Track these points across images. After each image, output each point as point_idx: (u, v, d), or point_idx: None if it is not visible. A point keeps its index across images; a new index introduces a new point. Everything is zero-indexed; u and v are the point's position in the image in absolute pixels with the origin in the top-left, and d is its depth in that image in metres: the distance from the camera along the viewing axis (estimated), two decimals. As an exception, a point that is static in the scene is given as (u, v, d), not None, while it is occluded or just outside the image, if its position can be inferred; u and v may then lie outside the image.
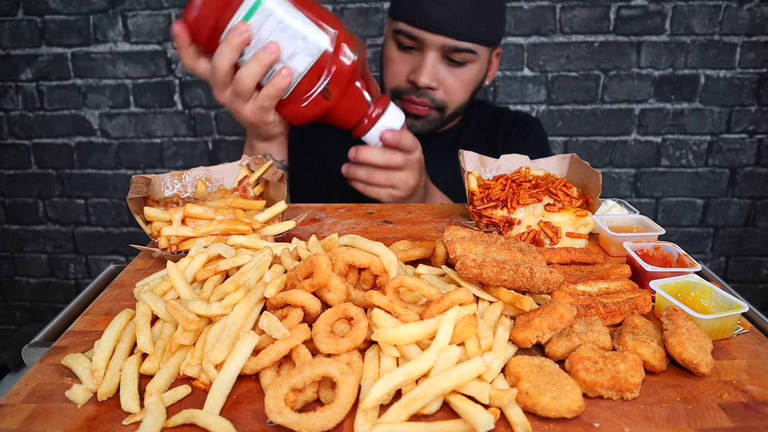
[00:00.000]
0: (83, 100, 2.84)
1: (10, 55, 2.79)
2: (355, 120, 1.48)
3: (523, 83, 2.71)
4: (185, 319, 0.88)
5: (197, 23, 1.36)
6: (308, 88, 1.41)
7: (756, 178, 2.81)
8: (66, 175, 2.97)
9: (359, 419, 0.73)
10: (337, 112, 1.47)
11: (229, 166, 1.47)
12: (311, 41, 1.36)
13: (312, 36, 1.36)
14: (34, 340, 1.05)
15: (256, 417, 0.77)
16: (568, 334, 0.89)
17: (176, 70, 2.78)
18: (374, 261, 0.99)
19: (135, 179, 1.33)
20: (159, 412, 0.76)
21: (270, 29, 1.34)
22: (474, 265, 0.93)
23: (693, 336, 0.86)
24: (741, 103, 2.70)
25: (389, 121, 1.48)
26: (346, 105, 1.45)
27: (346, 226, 1.45)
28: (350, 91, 1.44)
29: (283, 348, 0.83)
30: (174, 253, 1.19)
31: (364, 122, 1.48)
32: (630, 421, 0.76)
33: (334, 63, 1.38)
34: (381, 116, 1.47)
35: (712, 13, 2.57)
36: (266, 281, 0.95)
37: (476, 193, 1.36)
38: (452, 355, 0.79)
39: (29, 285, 3.19)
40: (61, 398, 0.81)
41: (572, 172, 1.45)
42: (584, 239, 1.28)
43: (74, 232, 3.07)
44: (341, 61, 1.39)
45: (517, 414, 0.75)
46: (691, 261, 1.11)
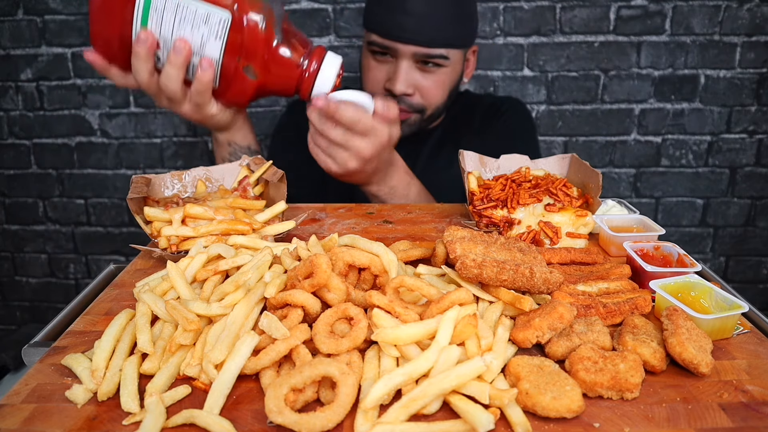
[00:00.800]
0: (83, 100, 2.84)
1: (10, 55, 2.79)
2: (292, 86, 1.39)
3: (523, 83, 2.71)
4: (185, 319, 0.88)
5: (104, 45, 1.34)
6: (232, 69, 1.34)
7: (756, 178, 2.81)
8: (66, 175, 2.97)
9: (359, 419, 0.73)
10: (272, 83, 1.38)
11: (229, 166, 1.47)
12: (212, 22, 1.29)
13: (212, 17, 1.29)
14: (34, 340, 1.05)
15: (256, 417, 0.77)
16: (568, 334, 0.89)
17: (176, 70, 2.78)
18: (374, 261, 0.99)
19: (135, 179, 1.33)
20: (159, 412, 0.76)
21: (169, 24, 1.29)
22: (474, 265, 0.93)
23: (693, 336, 0.86)
24: (741, 103, 2.69)
25: (327, 74, 1.38)
26: (276, 73, 1.36)
27: (346, 226, 1.45)
28: (273, 58, 1.35)
29: (283, 348, 0.83)
30: (174, 253, 1.19)
31: (303, 85, 1.39)
32: (630, 421, 0.76)
33: (245, 35, 1.30)
34: (318, 72, 1.37)
35: (712, 13, 2.57)
36: (266, 281, 0.95)
37: (476, 193, 1.36)
38: (452, 355, 0.79)
39: (29, 285, 3.19)
40: (61, 398, 0.81)
41: (572, 172, 1.45)
42: (584, 239, 1.28)
43: (74, 232, 3.07)
44: (251, 29, 1.30)
45: (517, 414, 0.75)
46: (691, 261, 1.11)
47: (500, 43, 2.62)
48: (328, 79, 1.38)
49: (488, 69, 2.70)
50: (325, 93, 1.39)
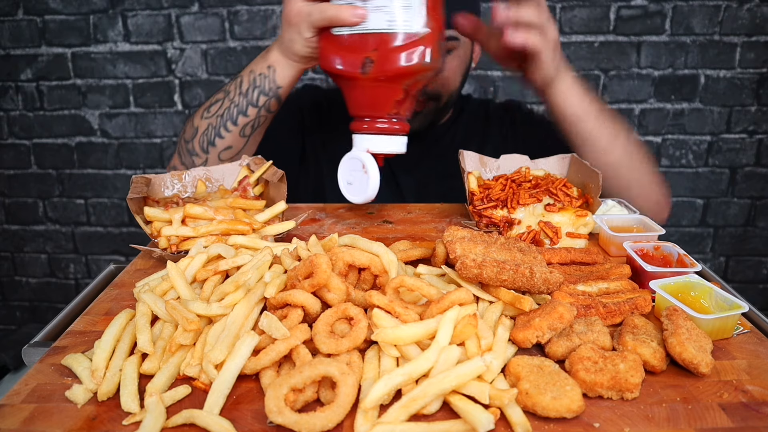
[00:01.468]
0: (83, 100, 2.84)
1: (10, 55, 2.79)
2: (363, 111, 1.32)
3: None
4: (185, 319, 0.88)
5: None
6: (359, 46, 1.25)
7: (756, 178, 2.81)
8: (66, 175, 2.97)
9: (359, 419, 0.73)
10: (358, 90, 1.30)
11: (229, 166, 1.47)
12: (402, 15, 1.21)
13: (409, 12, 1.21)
14: (34, 340, 1.05)
15: (256, 417, 0.77)
16: (568, 334, 0.89)
17: (176, 70, 2.78)
18: (374, 261, 0.99)
19: (135, 179, 1.33)
20: (159, 412, 0.76)
21: None
22: (474, 265, 0.93)
23: (693, 336, 0.86)
24: (741, 103, 2.70)
25: (386, 143, 1.32)
26: (371, 92, 1.29)
27: (346, 226, 1.45)
28: (385, 85, 1.27)
29: (283, 348, 0.83)
30: (174, 253, 1.19)
31: (364, 123, 1.33)
32: (630, 421, 0.76)
33: (398, 50, 1.23)
34: (383, 132, 1.31)
35: (712, 13, 2.57)
36: (266, 281, 0.95)
37: (476, 193, 1.36)
38: (452, 355, 0.79)
39: (29, 285, 3.19)
40: (61, 398, 0.81)
41: (572, 172, 1.45)
42: (584, 239, 1.28)
43: (74, 232, 3.07)
44: (406, 54, 1.23)
45: (517, 414, 0.75)
46: (691, 261, 1.11)
47: (500, 43, 2.62)
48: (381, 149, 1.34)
49: (488, 69, 2.70)
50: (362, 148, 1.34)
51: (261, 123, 1.60)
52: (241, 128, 1.58)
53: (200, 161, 1.63)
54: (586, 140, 1.56)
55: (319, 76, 2.79)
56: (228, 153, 1.61)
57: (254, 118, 1.57)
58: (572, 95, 1.51)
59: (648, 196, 1.66)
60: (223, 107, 1.58)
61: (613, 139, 1.57)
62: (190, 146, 1.63)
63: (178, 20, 2.70)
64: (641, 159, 1.64)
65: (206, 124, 1.60)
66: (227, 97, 1.59)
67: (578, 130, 1.55)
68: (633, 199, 1.60)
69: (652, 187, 1.67)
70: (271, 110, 1.58)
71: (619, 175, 1.59)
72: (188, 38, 2.72)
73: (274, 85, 1.53)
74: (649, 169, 1.67)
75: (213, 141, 1.60)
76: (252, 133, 1.60)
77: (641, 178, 1.64)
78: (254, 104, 1.55)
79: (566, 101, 1.52)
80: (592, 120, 1.54)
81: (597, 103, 1.56)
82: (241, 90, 1.56)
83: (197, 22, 2.70)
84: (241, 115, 1.56)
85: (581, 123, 1.54)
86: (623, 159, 1.59)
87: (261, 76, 1.53)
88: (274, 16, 2.69)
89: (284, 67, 1.50)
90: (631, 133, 1.64)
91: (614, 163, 1.58)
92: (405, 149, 1.35)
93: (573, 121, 1.54)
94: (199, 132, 1.61)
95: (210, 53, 2.74)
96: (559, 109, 1.54)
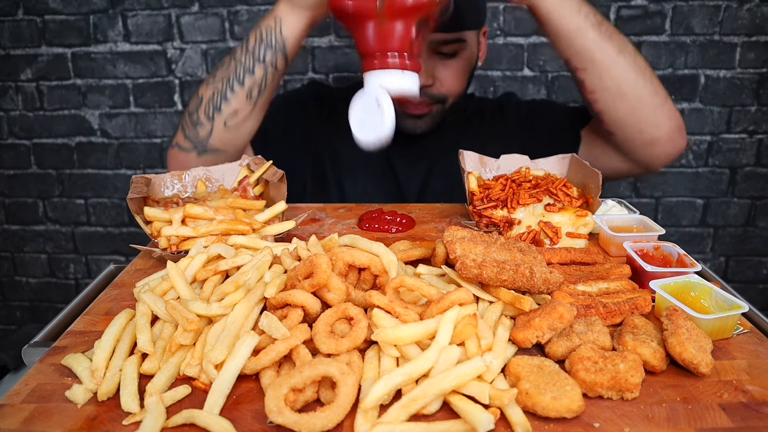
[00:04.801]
0: (83, 100, 2.84)
1: (10, 55, 2.79)
2: (372, 48, 1.30)
3: (523, 83, 2.71)
4: (185, 319, 0.88)
5: None
6: None
7: (756, 178, 2.81)
8: (66, 175, 2.97)
9: (359, 419, 0.73)
10: (370, 27, 1.29)
11: (229, 166, 1.47)
12: None
13: None
14: (34, 340, 1.05)
15: (256, 417, 0.78)
16: (568, 334, 0.89)
17: (176, 70, 2.78)
18: (374, 261, 0.99)
19: (135, 179, 1.33)
20: (159, 412, 0.76)
21: None
22: (474, 266, 0.93)
23: (693, 336, 0.86)
24: (741, 103, 2.69)
25: (399, 79, 1.30)
26: (383, 28, 1.28)
27: (346, 226, 1.45)
28: (398, 21, 1.27)
29: (283, 348, 0.83)
30: (174, 253, 1.19)
31: (376, 59, 1.30)
32: (630, 421, 0.76)
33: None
34: (395, 67, 1.29)
35: (712, 13, 2.57)
36: (266, 281, 0.95)
37: (476, 193, 1.36)
38: (452, 355, 0.79)
39: (29, 285, 3.19)
40: (61, 398, 0.81)
41: (572, 172, 1.45)
42: (584, 239, 1.28)
43: (74, 232, 3.07)
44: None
45: (517, 414, 0.75)
46: (691, 261, 1.11)
47: (500, 43, 2.62)
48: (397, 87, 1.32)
49: (488, 69, 2.70)
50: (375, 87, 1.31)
51: (268, 84, 1.54)
52: (248, 90, 1.53)
53: (205, 132, 1.58)
54: (586, 57, 1.46)
55: (320, 76, 2.79)
56: (234, 119, 1.56)
57: (261, 75, 1.52)
58: (564, 8, 1.42)
59: (659, 122, 1.53)
60: (230, 69, 1.54)
61: (617, 53, 1.45)
62: (194, 117, 1.59)
63: (178, 20, 2.70)
64: (650, 77, 1.50)
65: (211, 90, 1.56)
66: (233, 59, 1.54)
67: (577, 47, 1.45)
68: (643, 125, 1.49)
69: (663, 110, 1.53)
70: (278, 68, 1.53)
71: (624, 94, 1.48)
72: (188, 38, 2.72)
73: (281, 37, 1.49)
74: (658, 88, 1.53)
75: (219, 106, 1.55)
76: (259, 96, 1.55)
77: (651, 99, 1.51)
78: (261, 60, 1.50)
79: (558, 15, 1.43)
80: (591, 33, 1.43)
81: (595, 16, 1.45)
82: (247, 47, 1.52)
83: (197, 22, 2.70)
84: (248, 74, 1.52)
85: (579, 38, 1.44)
86: (630, 75, 1.47)
87: (267, 29, 1.50)
88: (274, 16, 2.68)
89: (291, 17, 1.47)
90: (637, 50, 1.51)
91: (620, 79, 1.47)
92: (417, 89, 1.33)
93: (570, 37, 1.44)
94: (204, 100, 1.57)
95: (210, 53, 2.74)
96: (553, 25, 1.45)
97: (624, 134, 1.56)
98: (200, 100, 1.59)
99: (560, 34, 1.45)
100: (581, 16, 1.43)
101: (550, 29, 1.46)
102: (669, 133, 1.56)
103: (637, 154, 1.60)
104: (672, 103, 1.56)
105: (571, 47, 1.46)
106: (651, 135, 1.50)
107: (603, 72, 1.46)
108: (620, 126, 1.53)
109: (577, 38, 1.44)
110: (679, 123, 1.57)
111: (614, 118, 1.53)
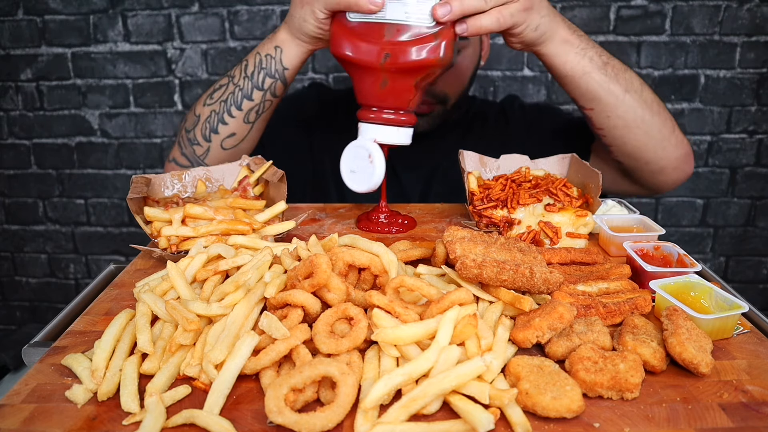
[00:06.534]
0: (83, 100, 2.84)
1: (10, 55, 2.79)
2: (372, 101, 1.30)
3: (523, 83, 2.71)
4: (185, 319, 0.88)
5: None
6: (373, 35, 1.23)
7: (756, 178, 2.81)
8: (66, 175, 2.97)
9: (359, 419, 0.73)
10: (368, 79, 1.27)
11: (229, 166, 1.47)
12: (418, 7, 1.20)
13: (425, 4, 1.20)
14: (34, 340, 1.05)
15: (256, 417, 0.78)
16: (568, 334, 0.89)
17: (176, 70, 2.78)
18: (374, 261, 0.99)
19: (135, 179, 1.33)
20: (159, 412, 0.76)
21: None
22: (474, 266, 0.93)
23: (693, 336, 0.86)
24: (741, 103, 2.70)
25: (393, 134, 1.30)
26: (384, 85, 1.27)
27: (346, 226, 1.45)
28: (399, 79, 1.25)
29: (283, 348, 0.83)
30: (174, 253, 1.19)
31: (372, 113, 1.30)
32: (630, 421, 0.76)
33: (413, 43, 1.22)
34: (391, 123, 1.29)
35: (712, 13, 2.57)
36: (266, 281, 0.95)
37: (476, 193, 1.36)
38: (452, 355, 0.79)
39: (29, 285, 3.19)
40: (61, 398, 0.81)
41: (572, 172, 1.45)
42: (584, 239, 1.28)
43: (74, 232, 3.07)
44: (422, 49, 1.21)
45: (517, 414, 0.75)
46: (691, 261, 1.11)
47: (500, 43, 2.62)
48: (387, 140, 1.32)
49: (488, 69, 2.70)
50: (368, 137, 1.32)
51: (266, 109, 1.55)
52: (245, 114, 1.53)
53: (201, 151, 1.59)
54: (593, 98, 1.46)
55: (320, 76, 2.79)
56: (231, 141, 1.57)
57: (259, 102, 1.53)
58: (567, 53, 1.41)
59: (667, 153, 1.54)
60: (227, 92, 1.54)
61: (623, 92, 1.45)
62: (191, 135, 1.59)
63: (178, 20, 2.70)
64: (657, 110, 1.51)
65: (209, 110, 1.56)
66: (231, 82, 1.54)
67: (582, 90, 1.45)
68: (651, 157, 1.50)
69: (671, 141, 1.54)
70: (276, 94, 1.53)
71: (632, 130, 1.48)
72: (188, 38, 2.72)
73: (281, 66, 1.49)
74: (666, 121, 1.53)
75: (216, 128, 1.55)
76: (256, 119, 1.56)
77: (659, 133, 1.52)
78: (260, 87, 1.51)
79: (561, 60, 1.42)
80: (596, 75, 1.43)
81: (600, 57, 1.44)
82: (246, 73, 1.52)
83: (197, 22, 2.70)
84: (246, 99, 1.52)
85: (585, 81, 1.43)
86: (637, 112, 1.47)
87: (267, 57, 1.49)
88: (274, 16, 2.69)
89: (292, 48, 1.47)
90: (644, 84, 1.51)
91: (627, 118, 1.47)
92: (410, 141, 1.33)
93: (575, 80, 1.44)
94: (201, 120, 1.57)
95: (210, 53, 2.74)
96: (558, 70, 1.45)
97: (632, 164, 1.59)
98: (197, 118, 1.59)
99: (565, 77, 1.45)
100: (586, 60, 1.43)
101: (556, 73, 1.46)
102: (676, 162, 1.57)
103: (645, 181, 1.64)
104: (679, 131, 1.57)
105: (577, 89, 1.47)
106: (659, 165, 1.53)
107: (610, 111, 1.47)
108: (629, 158, 1.55)
109: (582, 81, 1.44)
110: (686, 151, 1.59)
111: (622, 152, 1.54)
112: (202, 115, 1.57)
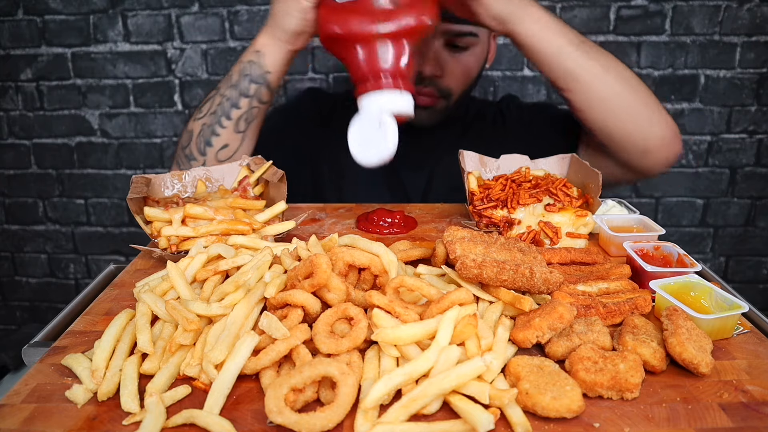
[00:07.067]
0: (83, 100, 2.84)
1: (10, 55, 2.79)
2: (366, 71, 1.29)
3: (523, 83, 2.71)
4: (185, 319, 0.88)
5: None
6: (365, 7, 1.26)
7: (756, 178, 2.81)
8: (66, 175, 2.97)
9: (359, 419, 0.73)
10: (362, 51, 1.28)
11: (229, 166, 1.47)
12: None
13: None
14: (34, 340, 1.05)
15: (256, 417, 0.78)
16: (568, 334, 0.89)
17: (176, 70, 2.78)
18: (374, 261, 0.99)
19: (135, 179, 1.33)
20: (159, 412, 0.76)
21: None
22: (474, 266, 0.93)
23: (693, 336, 0.86)
24: (741, 103, 2.69)
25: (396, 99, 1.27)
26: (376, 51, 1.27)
27: (346, 226, 1.45)
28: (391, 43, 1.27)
29: (283, 348, 0.83)
30: (174, 253, 1.19)
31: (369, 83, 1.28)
32: (630, 421, 0.76)
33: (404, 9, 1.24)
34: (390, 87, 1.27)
35: (712, 13, 2.57)
36: (266, 281, 0.95)
37: (476, 193, 1.36)
38: (452, 355, 0.79)
39: (29, 285, 3.19)
40: (61, 398, 0.81)
41: (572, 172, 1.45)
42: (584, 239, 1.28)
43: (74, 232, 3.07)
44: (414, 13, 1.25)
45: (517, 414, 0.75)
46: (691, 261, 1.11)
47: (500, 43, 2.62)
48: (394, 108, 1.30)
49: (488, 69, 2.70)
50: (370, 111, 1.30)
51: (255, 116, 1.57)
52: (235, 123, 1.55)
53: (198, 165, 1.61)
54: (570, 78, 1.45)
55: (320, 76, 2.79)
56: (225, 152, 1.59)
57: (247, 110, 1.54)
58: (541, 30, 1.41)
59: (651, 132, 1.53)
60: (216, 103, 1.56)
61: (601, 71, 1.45)
62: (187, 151, 1.62)
63: (178, 20, 2.70)
64: (637, 88, 1.50)
65: (200, 125, 1.59)
66: (218, 93, 1.57)
67: (560, 69, 1.45)
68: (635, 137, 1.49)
69: (655, 119, 1.52)
70: (263, 100, 1.55)
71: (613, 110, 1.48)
72: (188, 38, 2.72)
73: (263, 70, 1.51)
74: (648, 99, 1.51)
75: (209, 140, 1.58)
76: (247, 128, 1.57)
77: (641, 112, 1.50)
78: (246, 94, 1.53)
79: (536, 38, 1.41)
80: (573, 53, 1.43)
81: (576, 36, 1.45)
82: (231, 82, 1.54)
83: (197, 22, 2.70)
84: (234, 108, 1.54)
85: (561, 59, 1.43)
86: (616, 90, 1.46)
87: (249, 63, 1.52)
88: (274, 16, 2.68)
89: (272, 50, 1.49)
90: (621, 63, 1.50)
91: (607, 97, 1.46)
92: (412, 111, 1.31)
93: (551, 59, 1.43)
94: (194, 135, 1.60)
95: (210, 53, 2.74)
96: (534, 49, 1.43)
97: (617, 146, 1.57)
98: (191, 134, 1.61)
99: (541, 57, 1.45)
100: (560, 37, 1.43)
101: (532, 53, 1.45)
102: (662, 141, 1.55)
103: (633, 163, 1.61)
104: (664, 110, 1.55)
105: (554, 70, 1.46)
106: (644, 145, 1.51)
107: (588, 91, 1.46)
108: (612, 139, 1.54)
109: (559, 60, 1.44)
110: (672, 130, 1.57)
111: (605, 133, 1.53)
112: (195, 130, 1.60)
